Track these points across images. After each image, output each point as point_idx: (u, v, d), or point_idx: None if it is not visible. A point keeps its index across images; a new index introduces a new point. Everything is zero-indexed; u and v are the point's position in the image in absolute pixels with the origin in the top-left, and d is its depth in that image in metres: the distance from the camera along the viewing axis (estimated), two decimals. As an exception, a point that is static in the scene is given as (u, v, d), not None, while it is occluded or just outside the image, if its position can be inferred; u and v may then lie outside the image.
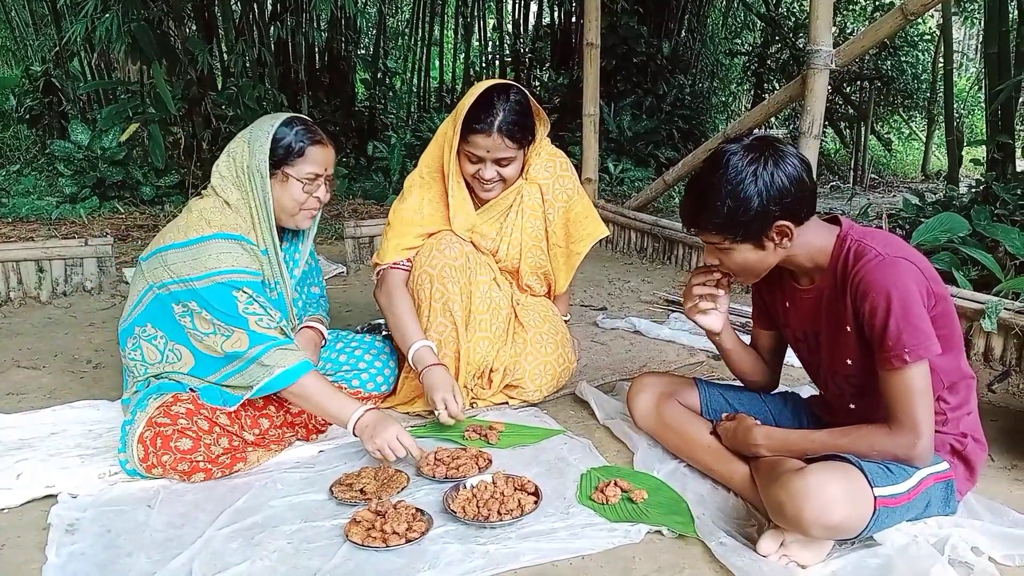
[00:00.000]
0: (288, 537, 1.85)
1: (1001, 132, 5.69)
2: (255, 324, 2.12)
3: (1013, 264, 3.53)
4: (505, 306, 2.67)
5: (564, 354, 2.71)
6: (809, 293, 1.87)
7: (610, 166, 7.67)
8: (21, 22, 8.74)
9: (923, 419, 1.66)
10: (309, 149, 2.20)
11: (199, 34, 6.98)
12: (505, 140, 2.43)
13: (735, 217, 1.69)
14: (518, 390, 2.66)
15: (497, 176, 2.51)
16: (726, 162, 1.70)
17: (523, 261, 2.70)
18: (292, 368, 2.11)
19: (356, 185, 7.21)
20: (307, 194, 2.23)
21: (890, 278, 1.65)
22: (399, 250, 2.58)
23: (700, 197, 1.75)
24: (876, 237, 1.74)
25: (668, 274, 4.66)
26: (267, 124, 2.20)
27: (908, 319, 1.63)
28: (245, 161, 2.19)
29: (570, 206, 2.70)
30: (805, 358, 2.04)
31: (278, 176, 2.20)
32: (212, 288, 2.10)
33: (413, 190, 2.62)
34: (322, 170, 2.24)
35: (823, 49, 3.76)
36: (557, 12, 9.85)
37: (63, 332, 3.51)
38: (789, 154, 1.71)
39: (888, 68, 10.67)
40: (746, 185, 1.67)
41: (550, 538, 1.83)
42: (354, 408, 2.15)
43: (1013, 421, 2.53)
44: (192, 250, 2.13)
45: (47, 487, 2.05)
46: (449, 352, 2.54)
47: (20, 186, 6.19)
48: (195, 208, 2.22)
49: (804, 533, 1.64)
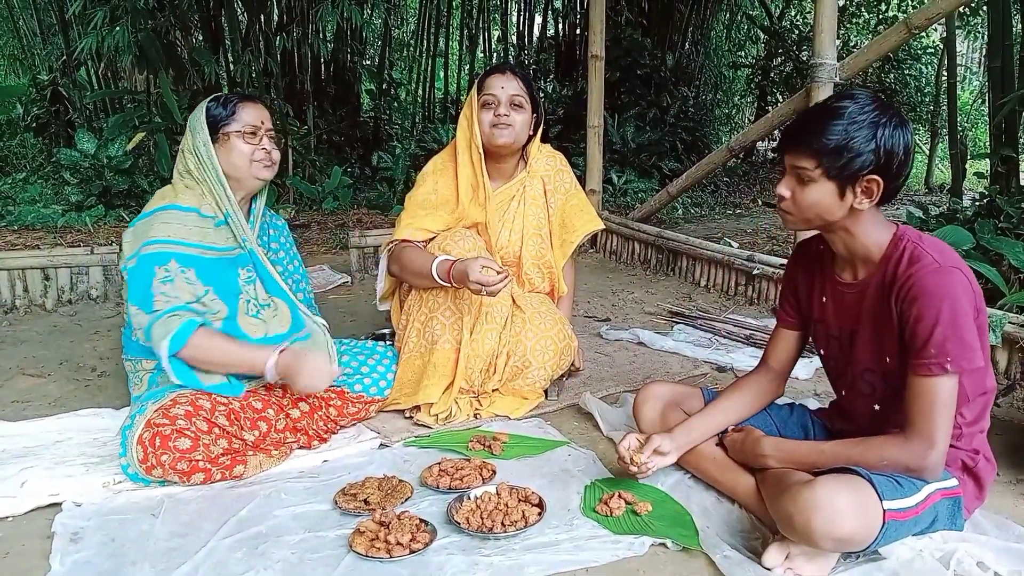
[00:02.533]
0: (292, 547, 1.85)
1: (1005, 145, 5.68)
2: (160, 302, 2.17)
3: (1017, 278, 3.52)
4: (506, 299, 2.68)
5: (564, 330, 2.75)
6: (852, 288, 1.86)
7: (614, 177, 7.68)
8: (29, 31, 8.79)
9: (940, 431, 1.66)
10: (239, 106, 2.34)
11: (206, 44, 7.02)
12: (517, 78, 2.68)
13: (843, 145, 1.67)
14: (524, 374, 2.66)
15: (511, 115, 2.65)
16: (856, 98, 1.71)
17: (524, 248, 2.78)
18: (176, 332, 2.15)
19: (360, 195, 7.22)
20: (251, 145, 2.34)
21: (944, 287, 1.66)
22: (412, 228, 2.68)
23: (817, 116, 1.73)
24: (932, 244, 1.74)
25: (672, 285, 4.66)
26: (198, 112, 2.35)
27: (956, 330, 1.64)
28: (189, 143, 2.33)
29: (568, 198, 2.90)
30: (834, 356, 2.00)
31: (220, 140, 2.32)
32: (139, 259, 2.20)
33: (427, 176, 2.81)
34: (259, 123, 2.35)
35: (827, 62, 3.77)
36: (561, 24, 9.89)
37: (68, 340, 3.52)
38: (909, 125, 1.73)
39: (892, 81, 10.68)
40: (868, 124, 1.67)
41: (554, 550, 1.82)
42: (267, 354, 2.23)
43: (1018, 435, 2.52)
44: (143, 223, 2.26)
45: (51, 495, 2.05)
46: (450, 339, 2.58)
47: (26, 194, 6.20)
48: (157, 192, 2.39)
49: (813, 545, 1.64)
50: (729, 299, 4.30)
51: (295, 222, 6.18)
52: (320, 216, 6.50)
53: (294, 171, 7.11)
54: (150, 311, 2.16)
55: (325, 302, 2.70)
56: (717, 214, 7.84)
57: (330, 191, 6.91)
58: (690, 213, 7.59)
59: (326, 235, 5.83)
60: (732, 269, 4.36)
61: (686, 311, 3.98)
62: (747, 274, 4.24)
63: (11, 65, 10.56)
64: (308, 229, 6.02)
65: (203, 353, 2.20)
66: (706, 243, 4.70)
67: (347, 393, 2.52)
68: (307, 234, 5.85)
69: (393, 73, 10.30)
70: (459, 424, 2.57)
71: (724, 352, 3.34)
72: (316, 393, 2.38)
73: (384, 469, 2.24)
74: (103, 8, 5.74)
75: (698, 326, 3.71)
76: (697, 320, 3.80)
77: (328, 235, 5.81)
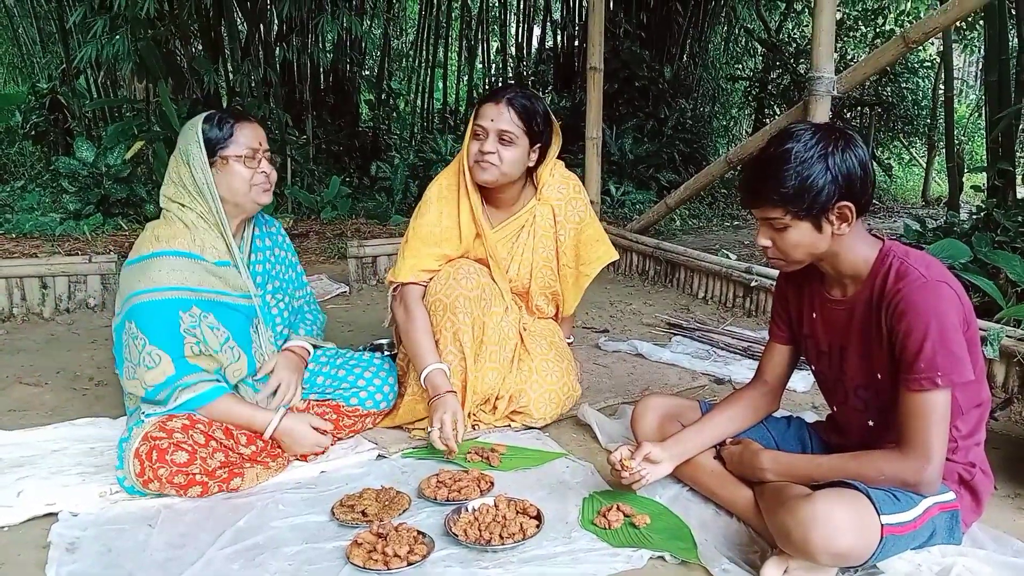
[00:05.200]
0: (289, 559, 1.84)
1: (1002, 159, 5.71)
2: (188, 350, 2.16)
3: (1015, 291, 3.53)
4: (513, 335, 2.66)
5: (568, 382, 2.70)
6: (841, 305, 1.87)
7: (612, 188, 7.70)
8: (28, 40, 8.80)
9: (936, 445, 1.67)
10: (236, 128, 2.24)
11: (205, 54, 7.04)
12: (511, 112, 2.46)
13: (802, 188, 1.68)
14: (522, 416, 2.65)
15: (496, 153, 2.48)
16: (797, 136, 1.71)
17: (533, 282, 2.71)
18: (203, 393, 2.17)
19: (359, 205, 7.23)
20: (251, 169, 2.26)
21: (931, 302, 1.67)
22: (415, 271, 2.59)
23: (767, 166, 1.73)
24: (918, 258, 1.75)
25: (670, 297, 4.67)
26: (191, 132, 2.24)
27: (945, 344, 1.64)
28: (186, 173, 2.23)
29: (581, 228, 2.73)
30: (825, 372, 2.01)
31: (218, 164, 2.23)
32: (153, 304, 2.13)
33: (431, 203, 2.65)
34: (256, 144, 2.27)
35: (825, 76, 3.79)
36: (560, 36, 9.92)
37: (66, 349, 3.51)
38: (857, 139, 1.73)
39: (889, 94, 10.72)
40: (817, 158, 1.68)
41: (552, 563, 1.82)
42: (268, 417, 2.25)
43: (1016, 449, 2.52)
44: (140, 266, 2.18)
45: (48, 505, 2.05)
46: (456, 382, 2.52)
47: (24, 202, 6.20)
48: (149, 227, 2.29)
49: (810, 560, 1.63)
50: (727, 311, 4.30)
51: (293, 231, 6.18)
52: (318, 226, 6.50)
53: (293, 180, 7.12)
54: (179, 355, 2.14)
55: (323, 312, 2.69)
56: (715, 226, 7.87)
57: (329, 201, 6.91)
58: (688, 225, 7.61)
59: (324, 245, 5.83)
60: (730, 281, 4.36)
61: (684, 323, 3.98)
62: (745, 286, 4.24)
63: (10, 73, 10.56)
64: (306, 238, 6.02)
65: (214, 413, 2.19)
66: (704, 255, 4.71)
67: (342, 407, 2.50)
68: (305, 243, 5.86)
69: (392, 83, 10.32)
70: (457, 436, 2.56)
71: (722, 364, 3.34)
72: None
73: (382, 480, 2.24)
74: (103, 17, 5.76)
75: (696, 338, 3.72)
76: (695, 332, 3.81)
77: (326, 244, 5.81)
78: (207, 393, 2.17)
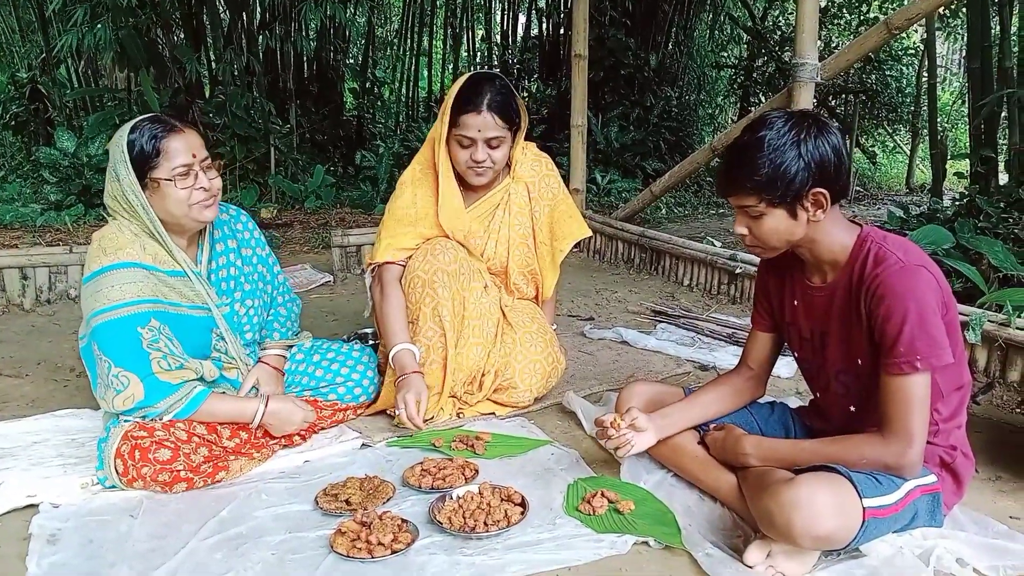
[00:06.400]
0: (273, 548, 1.83)
1: (984, 146, 5.75)
2: (156, 365, 2.06)
3: (996, 276, 3.56)
4: (495, 311, 2.66)
5: (553, 353, 2.72)
6: (821, 291, 1.87)
7: (597, 177, 7.70)
8: (7, 28, 8.68)
9: (917, 428, 1.68)
10: (163, 144, 2.04)
11: (187, 42, 6.97)
12: (495, 118, 2.48)
13: (775, 175, 1.69)
14: (508, 392, 2.64)
15: (488, 158, 2.53)
16: (770, 124, 1.71)
17: (511, 259, 2.73)
18: (189, 402, 2.10)
19: (344, 194, 7.19)
20: (187, 188, 2.07)
21: (909, 286, 1.67)
22: (391, 249, 2.62)
23: (741, 154, 1.74)
24: (896, 243, 1.76)
25: (655, 285, 4.68)
26: (117, 149, 2.07)
27: (924, 327, 1.65)
28: (118, 190, 2.09)
29: (555, 204, 2.78)
30: (807, 358, 2.02)
31: (150, 186, 2.07)
32: (111, 323, 2.03)
33: (406, 187, 2.69)
34: (190, 158, 2.07)
35: (809, 63, 3.80)
36: (545, 24, 9.90)
37: (46, 340, 3.48)
38: (831, 125, 1.74)
39: (873, 82, 10.78)
40: (789, 145, 1.69)
41: (536, 549, 1.82)
42: (255, 406, 2.22)
43: (997, 433, 2.55)
44: (93, 283, 2.06)
45: (29, 497, 2.03)
46: (437, 358, 2.53)
47: (4, 193, 6.13)
48: (95, 238, 2.16)
49: (793, 543, 1.64)
50: (712, 298, 4.32)
51: (277, 221, 6.15)
52: (303, 215, 6.47)
53: (276, 170, 7.07)
54: (147, 373, 2.04)
55: (307, 302, 2.68)
56: (700, 214, 7.89)
57: (313, 190, 6.87)
58: (673, 212, 7.63)
59: (308, 234, 5.80)
60: (715, 268, 4.37)
61: (669, 310, 3.99)
62: (730, 273, 4.26)
63: (-11, 62, 10.43)
64: (290, 228, 5.99)
65: (199, 416, 2.13)
66: (689, 242, 4.71)
67: (320, 402, 2.47)
68: (289, 233, 5.83)
69: (377, 72, 10.27)
70: (442, 424, 2.56)
71: (707, 351, 3.35)
72: None
73: (366, 469, 2.23)
74: (84, 5, 5.69)
75: (681, 325, 3.72)
76: (680, 319, 3.81)
77: (310, 234, 5.78)
78: (186, 408, 2.09)
